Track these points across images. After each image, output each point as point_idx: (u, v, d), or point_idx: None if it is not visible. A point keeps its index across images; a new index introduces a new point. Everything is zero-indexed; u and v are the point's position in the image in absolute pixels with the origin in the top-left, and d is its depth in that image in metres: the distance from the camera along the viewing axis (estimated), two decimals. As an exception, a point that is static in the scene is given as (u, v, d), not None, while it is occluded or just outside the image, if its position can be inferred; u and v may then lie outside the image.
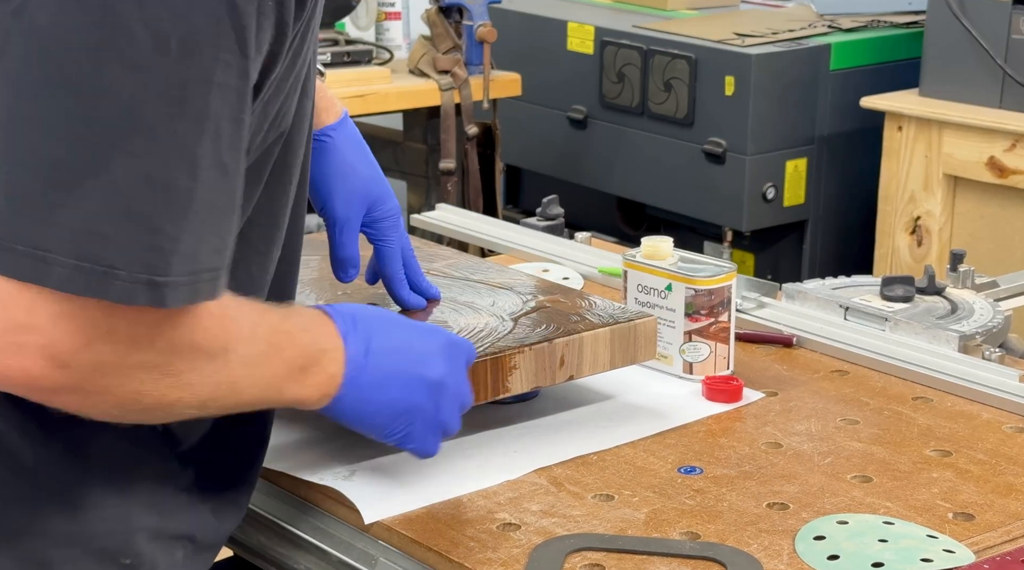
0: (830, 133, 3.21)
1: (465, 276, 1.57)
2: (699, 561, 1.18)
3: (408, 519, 1.25)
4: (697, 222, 3.30)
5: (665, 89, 3.21)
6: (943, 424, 1.45)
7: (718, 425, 1.45)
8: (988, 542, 1.22)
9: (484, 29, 3.12)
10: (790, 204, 3.19)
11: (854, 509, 1.27)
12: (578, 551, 1.19)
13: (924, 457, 1.38)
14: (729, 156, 3.12)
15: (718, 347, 1.54)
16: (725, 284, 1.53)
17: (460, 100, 3.13)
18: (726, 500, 1.28)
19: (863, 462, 1.36)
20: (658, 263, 1.55)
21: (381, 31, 3.31)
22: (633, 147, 3.32)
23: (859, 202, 3.26)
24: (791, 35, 3.22)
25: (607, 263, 1.86)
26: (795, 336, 1.67)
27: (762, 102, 3.09)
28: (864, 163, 3.23)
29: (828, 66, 3.17)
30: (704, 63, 3.14)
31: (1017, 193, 2.87)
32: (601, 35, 3.35)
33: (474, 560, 1.18)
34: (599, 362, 1.42)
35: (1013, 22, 2.87)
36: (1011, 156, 2.85)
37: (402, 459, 1.36)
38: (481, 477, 1.32)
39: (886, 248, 3.10)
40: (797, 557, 1.18)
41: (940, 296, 1.77)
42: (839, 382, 1.56)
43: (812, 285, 1.80)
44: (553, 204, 2.01)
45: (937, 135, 2.96)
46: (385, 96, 3.04)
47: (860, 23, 3.32)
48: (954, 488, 1.31)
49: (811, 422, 1.45)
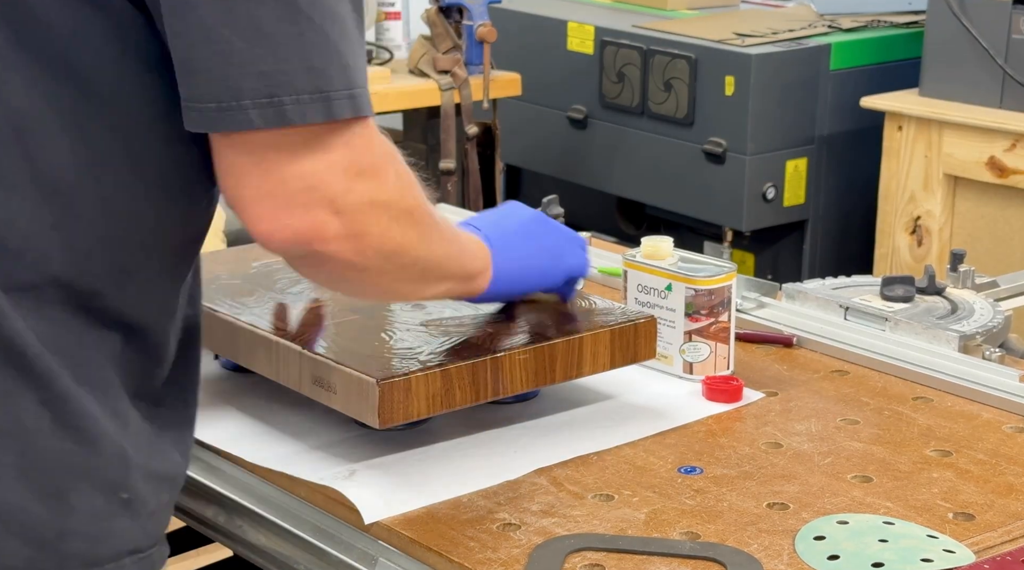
0: (830, 133, 3.21)
1: (465, 276, 1.57)
2: (699, 561, 1.18)
3: (408, 519, 1.25)
4: (697, 222, 3.29)
5: (665, 89, 3.21)
6: (943, 424, 1.45)
7: (718, 425, 1.45)
8: (988, 542, 1.22)
9: (484, 29, 3.12)
10: (790, 204, 3.19)
11: (854, 509, 1.27)
12: (578, 551, 1.19)
13: (924, 457, 1.38)
14: (729, 156, 3.12)
15: (718, 347, 1.54)
16: (725, 284, 1.53)
17: (460, 100, 3.13)
18: (726, 500, 1.28)
19: (863, 462, 1.36)
20: (658, 263, 1.55)
21: (381, 31, 3.31)
22: (633, 147, 3.32)
23: (859, 202, 3.26)
24: (791, 35, 3.21)
25: (607, 263, 1.86)
26: (795, 336, 1.67)
27: (762, 102, 3.09)
28: (864, 163, 3.23)
29: (828, 66, 3.17)
30: (704, 63, 3.14)
31: (1017, 193, 2.87)
32: (601, 35, 3.35)
33: (474, 560, 1.18)
34: (599, 362, 1.42)
35: (1013, 22, 2.87)
36: (1011, 156, 2.85)
37: (402, 459, 1.36)
38: (481, 477, 1.32)
39: (886, 248, 3.10)
40: (797, 557, 1.18)
41: (940, 296, 1.77)
42: (839, 382, 1.57)
43: (812, 285, 1.81)
44: (553, 204, 2.01)
45: (937, 135, 2.96)
46: (385, 96, 3.04)
47: (860, 23, 3.32)
48: (954, 488, 1.31)
49: (811, 422, 1.45)
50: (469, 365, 1.33)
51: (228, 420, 1.45)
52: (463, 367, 1.33)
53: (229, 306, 1.47)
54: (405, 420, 1.31)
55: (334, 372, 1.32)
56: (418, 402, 1.30)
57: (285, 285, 1.55)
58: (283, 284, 1.55)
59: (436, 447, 1.38)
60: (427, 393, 1.31)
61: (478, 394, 1.34)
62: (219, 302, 1.48)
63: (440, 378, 1.31)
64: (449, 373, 1.32)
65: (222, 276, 1.57)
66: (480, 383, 1.34)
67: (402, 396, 1.29)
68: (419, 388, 1.30)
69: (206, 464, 1.42)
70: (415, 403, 1.30)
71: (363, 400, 1.29)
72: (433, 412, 1.32)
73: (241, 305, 1.48)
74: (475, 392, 1.34)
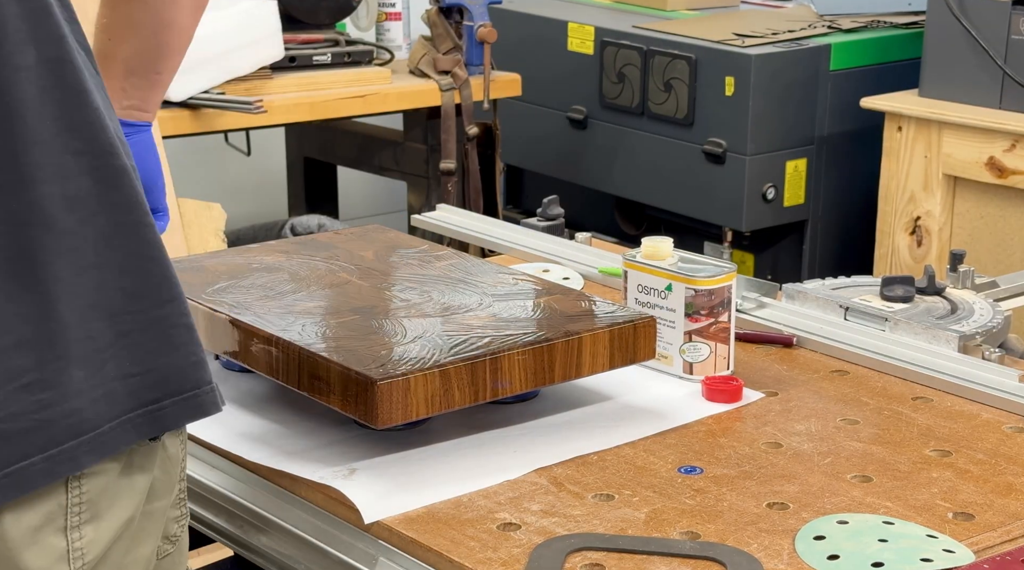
0: (830, 133, 3.21)
1: (465, 277, 1.58)
2: (699, 561, 1.18)
3: (408, 519, 1.25)
4: (697, 222, 3.29)
5: (665, 89, 3.21)
6: (943, 424, 1.45)
7: (718, 425, 1.45)
8: (988, 542, 1.22)
9: (484, 29, 3.12)
10: (790, 204, 3.19)
11: (854, 509, 1.27)
12: (578, 551, 1.19)
13: (924, 457, 1.38)
14: (729, 156, 3.12)
15: (718, 347, 1.54)
16: (725, 284, 1.54)
17: (460, 100, 3.13)
18: (726, 500, 1.28)
19: (863, 462, 1.36)
20: (658, 263, 1.55)
21: (381, 31, 3.31)
22: (633, 147, 3.32)
23: (859, 202, 3.26)
24: (791, 35, 3.22)
25: (607, 263, 1.86)
26: (795, 336, 1.67)
27: (762, 102, 3.09)
28: (864, 163, 3.23)
29: (828, 66, 3.17)
30: (704, 63, 3.14)
31: (1017, 193, 2.87)
32: (601, 35, 3.35)
33: (474, 560, 1.18)
34: (599, 362, 1.42)
35: (1013, 22, 2.87)
36: (1011, 156, 2.85)
37: (403, 458, 1.36)
38: (481, 477, 1.32)
39: (886, 248, 3.10)
40: (797, 557, 1.18)
41: (940, 296, 1.78)
42: (839, 382, 1.57)
43: (812, 285, 1.81)
44: (553, 204, 2.02)
45: (937, 135, 2.96)
46: (385, 96, 3.04)
47: (860, 23, 3.32)
48: (954, 488, 1.31)
49: (811, 422, 1.45)
50: (468, 365, 1.33)
51: (228, 420, 1.44)
52: (462, 367, 1.33)
53: (229, 306, 1.47)
54: (404, 420, 1.31)
55: (333, 372, 1.32)
56: (417, 402, 1.30)
57: (285, 285, 1.55)
58: (283, 285, 1.55)
59: (436, 447, 1.39)
60: (426, 393, 1.31)
61: (477, 394, 1.34)
62: (219, 302, 1.48)
63: (439, 378, 1.31)
64: (448, 373, 1.32)
65: (222, 276, 1.57)
66: (479, 383, 1.34)
67: (401, 396, 1.29)
68: (418, 388, 1.30)
69: (206, 464, 1.42)
70: (414, 403, 1.30)
71: (362, 400, 1.29)
72: (432, 412, 1.32)
73: (241, 305, 1.48)
74: (474, 392, 1.34)
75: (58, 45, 1.06)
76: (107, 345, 1.08)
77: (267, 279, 1.57)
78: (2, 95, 1.03)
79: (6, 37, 1.03)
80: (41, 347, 1.04)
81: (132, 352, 1.09)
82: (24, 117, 1.04)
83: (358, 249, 1.68)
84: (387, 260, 1.65)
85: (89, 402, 1.07)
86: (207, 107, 2.75)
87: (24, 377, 1.04)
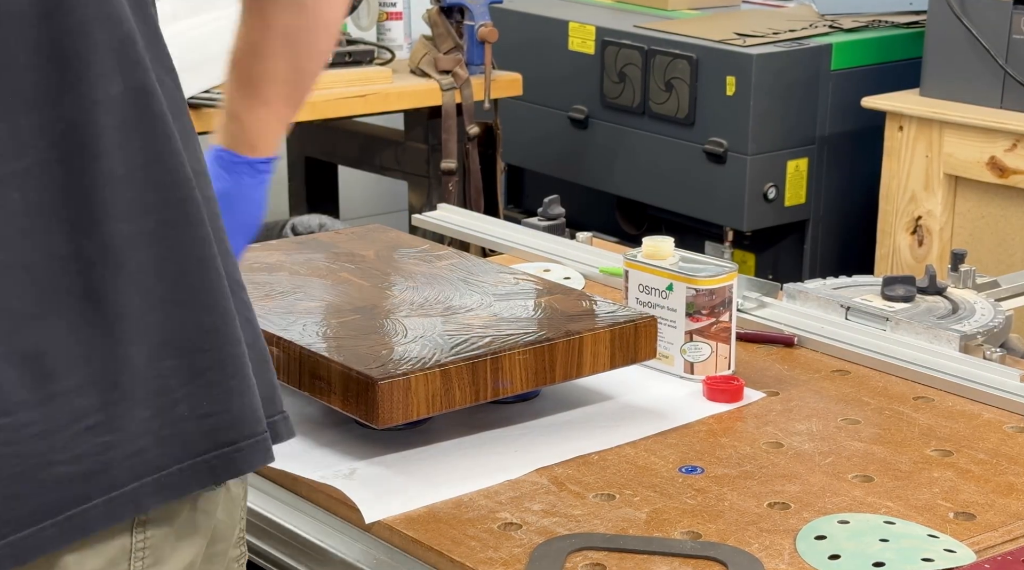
0: (831, 133, 3.21)
1: (466, 276, 1.58)
2: (700, 561, 1.18)
3: (409, 518, 1.25)
4: (698, 222, 3.29)
5: (666, 89, 3.21)
6: (944, 424, 1.45)
7: (719, 425, 1.45)
8: (989, 542, 1.22)
9: (485, 29, 3.12)
10: (791, 204, 3.19)
11: (855, 509, 1.27)
12: (579, 550, 1.19)
13: (925, 457, 1.38)
14: (730, 156, 3.12)
15: (719, 347, 1.54)
16: (726, 284, 1.53)
17: (461, 100, 3.13)
18: (727, 500, 1.28)
19: (864, 462, 1.36)
20: (659, 263, 1.55)
21: (382, 31, 3.31)
22: (634, 147, 3.32)
23: (860, 202, 3.26)
24: (792, 35, 3.21)
25: (608, 263, 1.86)
26: (796, 336, 1.67)
27: (763, 102, 3.09)
28: (865, 163, 3.22)
29: (829, 66, 3.17)
30: (705, 63, 3.14)
31: (1018, 193, 2.87)
32: (602, 35, 3.34)
33: (475, 559, 1.18)
34: (600, 362, 1.42)
35: (1014, 22, 2.86)
36: (1012, 156, 2.85)
37: (403, 458, 1.36)
38: (482, 477, 1.32)
39: (887, 248, 3.10)
40: (798, 557, 1.18)
41: (941, 296, 1.77)
42: (840, 382, 1.56)
43: (813, 285, 1.80)
44: (554, 204, 2.01)
45: (938, 135, 2.96)
46: (386, 96, 3.04)
47: (861, 23, 3.32)
48: (955, 488, 1.31)
49: (812, 422, 1.45)
50: (469, 365, 1.33)
51: (229, 420, 1.44)
52: (463, 367, 1.33)
53: (230, 306, 1.47)
54: (405, 420, 1.31)
55: (334, 371, 1.32)
56: (418, 402, 1.30)
57: (286, 285, 1.55)
58: (284, 284, 1.55)
59: (437, 447, 1.39)
60: (427, 393, 1.31)
61: (478, 394, 1.34)
62: (220, 302, 1.48)
63: (440, 377, 1.31)
64: (449, 373, 1.32)
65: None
66: (480, 383, 1.34)
67: (402, 396, 1.29)
68: (419, 388, 1.30)
69: (207, 464, 1.42)
70: (415, 403, 1.30)
71: (363, 399, 1.29)
72: (433, 412, 1.32)
73: (242, 305, 1.47)
74: (475, 392, 1.34)
75: (143, 75, 1.01)
76: (180, 384, 1.03)
77: (268, 278, 1.56)
78: (80, 130, 0.99)
79: (88, 68, 0.99)
80: (107, 387, 1.00)
81: (208, 391, 1.04)
82: (100, 153, 0.99)
83: (359, 249, 1.68)
84: (388, 260, 1.65)
85: (154, 442, 1.02)
86: (207, 107, 2.75)
87: (89, 419, 1.00)
